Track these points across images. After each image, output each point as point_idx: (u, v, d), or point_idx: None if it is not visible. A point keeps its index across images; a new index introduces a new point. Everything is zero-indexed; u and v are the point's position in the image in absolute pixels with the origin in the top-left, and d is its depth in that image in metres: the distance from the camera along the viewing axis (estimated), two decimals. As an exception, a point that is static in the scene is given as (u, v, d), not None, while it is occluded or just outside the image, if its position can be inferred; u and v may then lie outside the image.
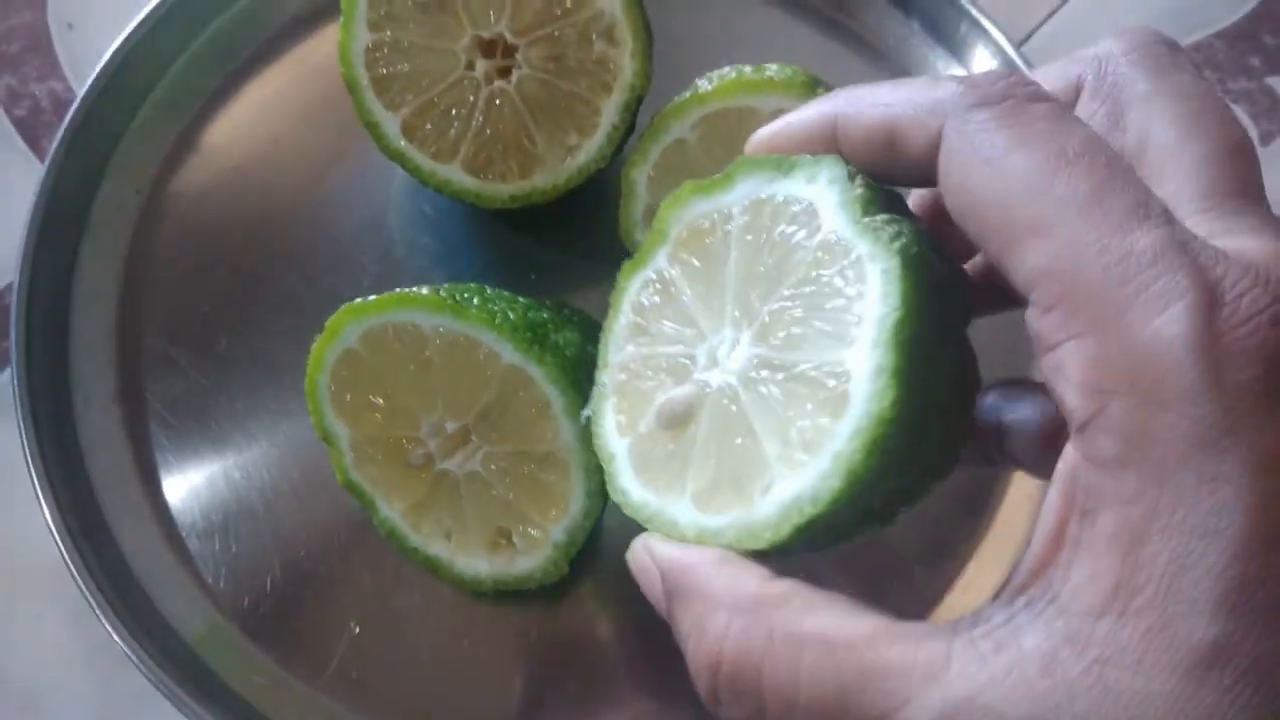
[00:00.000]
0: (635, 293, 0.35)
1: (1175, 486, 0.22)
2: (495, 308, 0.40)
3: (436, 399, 0.41)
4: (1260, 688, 0.21)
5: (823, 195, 0.29)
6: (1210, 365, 0.21)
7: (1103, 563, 0.22)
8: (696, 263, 0.33)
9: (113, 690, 0.48)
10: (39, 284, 0.49)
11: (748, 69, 0.45)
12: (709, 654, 0.27)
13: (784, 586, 0.27)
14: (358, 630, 0.46)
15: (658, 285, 0.34)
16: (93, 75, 0.52)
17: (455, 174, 0.47)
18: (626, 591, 0.46)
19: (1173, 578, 0.21)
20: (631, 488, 0.33)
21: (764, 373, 0.30)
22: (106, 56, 0.53)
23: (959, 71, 0.58)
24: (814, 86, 0.44)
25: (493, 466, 0.42)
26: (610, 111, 0.46)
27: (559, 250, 0.53)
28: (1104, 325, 0.23)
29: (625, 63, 0.45)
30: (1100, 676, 0.22)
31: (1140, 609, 0.22)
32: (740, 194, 0.31)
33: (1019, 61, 0.55)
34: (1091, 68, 0.28)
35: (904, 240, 0.27)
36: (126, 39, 0.53)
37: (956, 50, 0.58)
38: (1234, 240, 0.24)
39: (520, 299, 0.43)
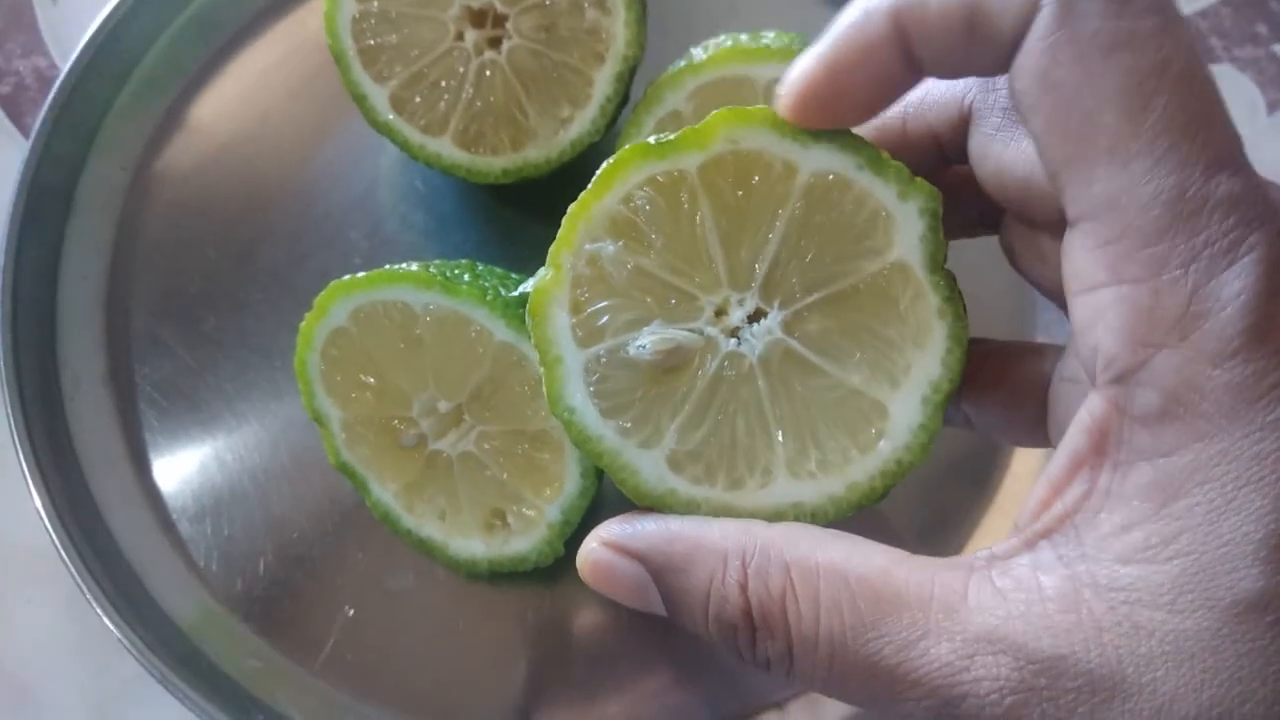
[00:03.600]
0: (639, 182, 0.29)
1: (1219, 440, 0.21)
2: (487, 284, 0.39)
3: (428, 378, 0.40)
4: None
5: (908, 219, 0.28)
6: (1266, 320, 0.21)
7: (1136, 514, 0.22)
8: (734, 195, 0.29)
9: (106, 675, 0.47)
10: (25, 264, 0.49)
11: (744, 37, 0.44)
12: (736, 607, 0.26)
13: (784, 528, 0.27)
14: (352, 613, 0.46)
15: (674, 190, 0.29)
16: (77, 51, 0.51)
17: (446, 148, 0.46)
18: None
19: (1211, 526, 0.21)
20: (585, 410, 0.30)
21: (789, 367, 0.29)
22: (90, 32, 0.52)
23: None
24: (812, 55, 0.43)
25: (486, 446, 0.41)
26: (603, 82, 0.45)
27: (552, 226, 0.52)
28: (1164, 273, 0.22)
29: (618, 31, 0.44)
30: (1129, 615, 0.22)
31: (1173, 556, 0.22)
32: (818, 158, 0.28)
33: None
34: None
35: (962, 309, 0.28)
36: (110, 14, 0.52)
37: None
38: None
39: (513, 275, 0.42)
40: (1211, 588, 0.21)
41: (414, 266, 0.39)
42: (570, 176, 0.48)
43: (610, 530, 0.28)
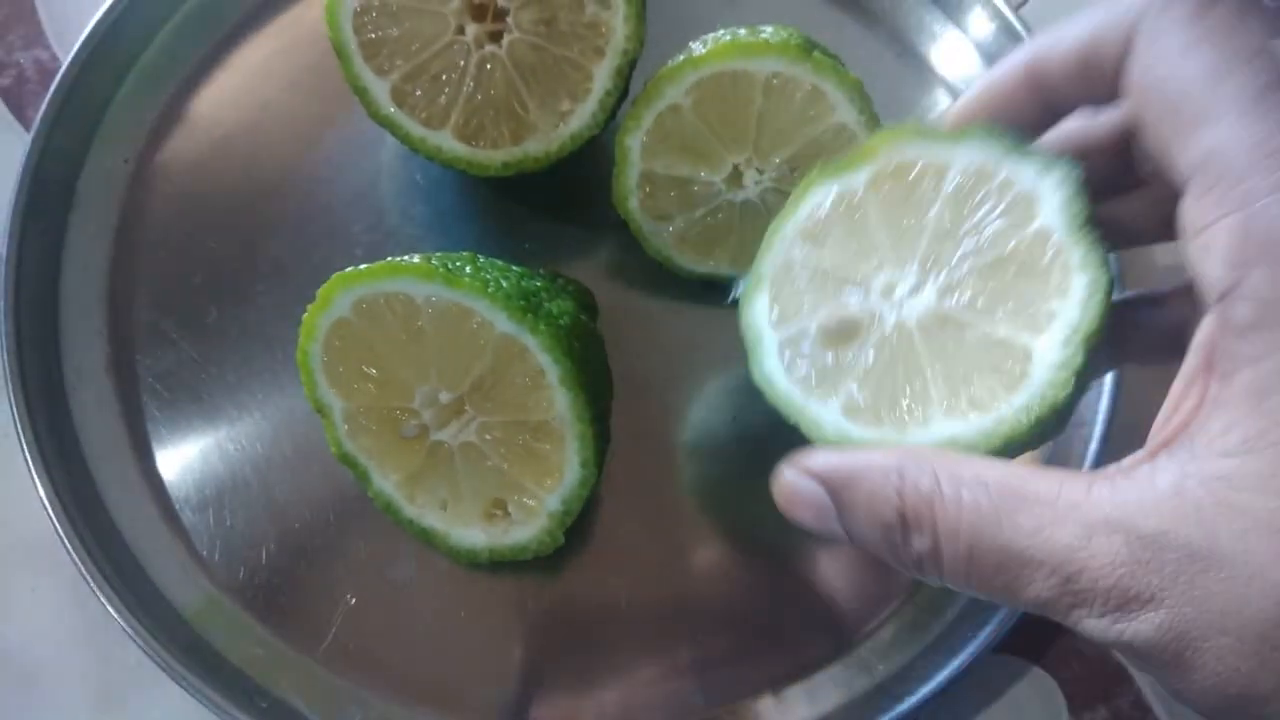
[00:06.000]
0: (819, 200, 0.36)
1: None
2: (488, 276, 0.40)
3: (430, 369, 0.41)
4: None
5: (1050, 192, 0.32)
6: None
7: (1236, 414, 0.26)
8: (895, 197, 0.34)
9: (110, 663, 0.48)
10: (27, 256, 0.49)
11: (742, 31, 0.44)
12: (892, 506, 0.30)
13: (937, 449, 0.32)
14: (354, 602, 0.46)
15: (848, 202, 0.35)
16: (78, 43, 0.52)
17: (446, 141, 0.46)
18: (623, 562, 0.47)
19: None
20: (777, 373, 0.36)
21: (945, 326, 0.33)
22: (92, 24, 0.52)
23: (956, 34, 0.57)
24: (809, 49, 0.43)
25: (487, 436, 0.42)
26: (603, 76, 0.46)
27: (552, 219, 0.53)
28: (1252, 204, 0.26)
29: (617, 25, 0.45)
30: (1226, 498, 0.25)
31: (1267, 447, 0.25)
32: (966, 155, 0.33)
33: (1017, 25, 0.55)
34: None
35: (1104, 261, 0.31)
36: (111, 6, 0.52)
37: (953, 13, 0.58)
38: None
39: (513, 268, 0.42)
40: None
41: (416, 259, 0.39)
42: (570, 169, 0.48)
43: (798, 457, 0.33)
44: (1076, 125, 0.35)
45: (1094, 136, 0.35)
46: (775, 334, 0.37)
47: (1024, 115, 0.33)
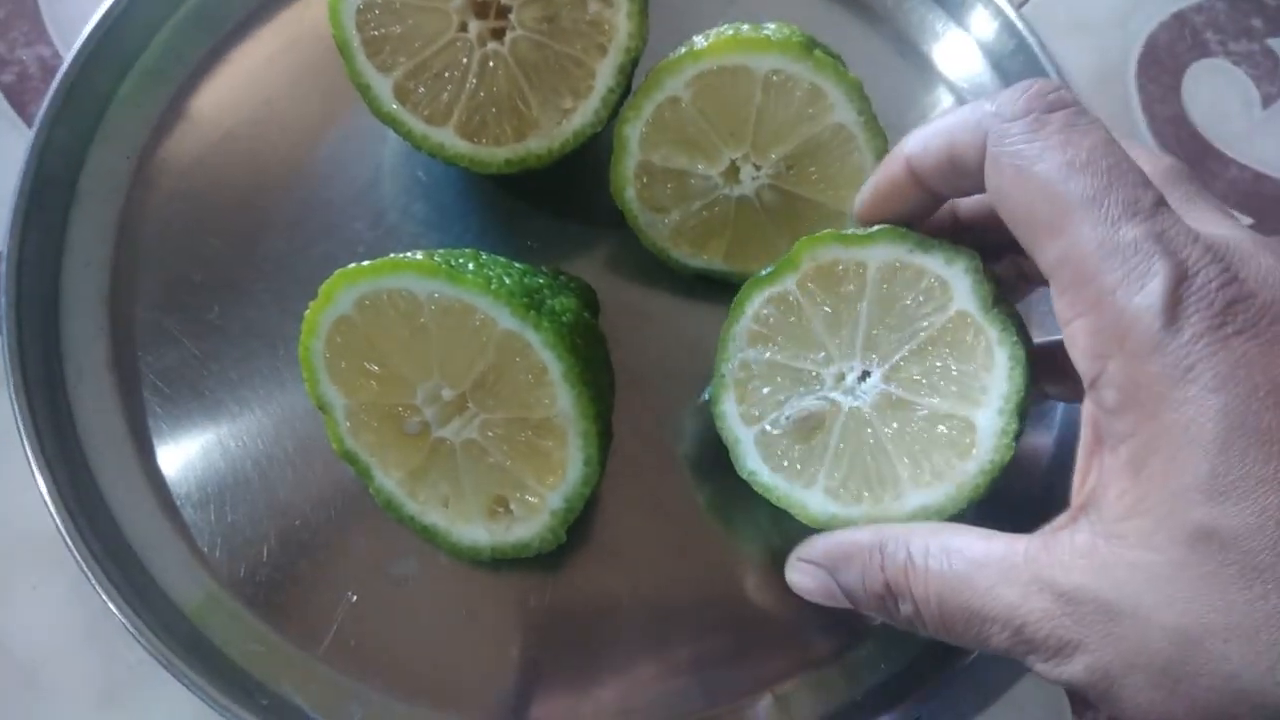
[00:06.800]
0: (760, 304, 0.41)
1: (1159, 417, 0.29)
2: (491, 273, 0.39)
3: (432, 366, 0.41)
4: (1243, 552, 0.27)
5: (958, 279, 0.37)
6: (1173, 321, 0.28)
7: (1124, 483, 0.30)
8: (825, 296, 0.40)
9: (111, 660, 0.48)
10: (29, 253, 0.49)
11: (745, 27, 0.44)
12: (879, 580, 0.36)
13: (909, 524, 0.37)
14: (355, 599, 0.46)
15: (784, 304, 0.40)
16: (80, 40, 0.52)
17: (448, 138, 0.46)
18: (624, 560, 0.47)
19: (1167, 480, 0.28)
20: (760, 470, 0.41)
21: (895, 408, 0.39)
22: (93, 21, 0.52)
23: (958, 33, 0.57)
24: (811, 47, 0.43)
25: (490, 433, 0.42)
26: (605, 74, 0.46)
27: (555, 216, 0.53)
28: (1100, 303, 0.29)
29: (620, 23, 0.45)
30: (1123, 555, 0.29)
31: (1149, 509, 0.29)
32: (879, 254, 0.38)
33: (1019, 24, 0.55)
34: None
35: (1019, 334, 0.37)
36: (113, 3, 0.52)
37: (955, 12, 0.58)
38: (1198, 225, 0.30)
39: (516, 264, 0.42)
40: (1173, 529, 0.28)
41: (419, 255, 0.39)
42: (572, 166, 0.48)
43: (800, 550, 0.40)
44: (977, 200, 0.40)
45: (968, 209, 0.41)
46: (749, 431, 0.42)
47: (913, 202, 0.38)
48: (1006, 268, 0.42)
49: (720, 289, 0.50)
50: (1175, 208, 0.31)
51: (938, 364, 0.38)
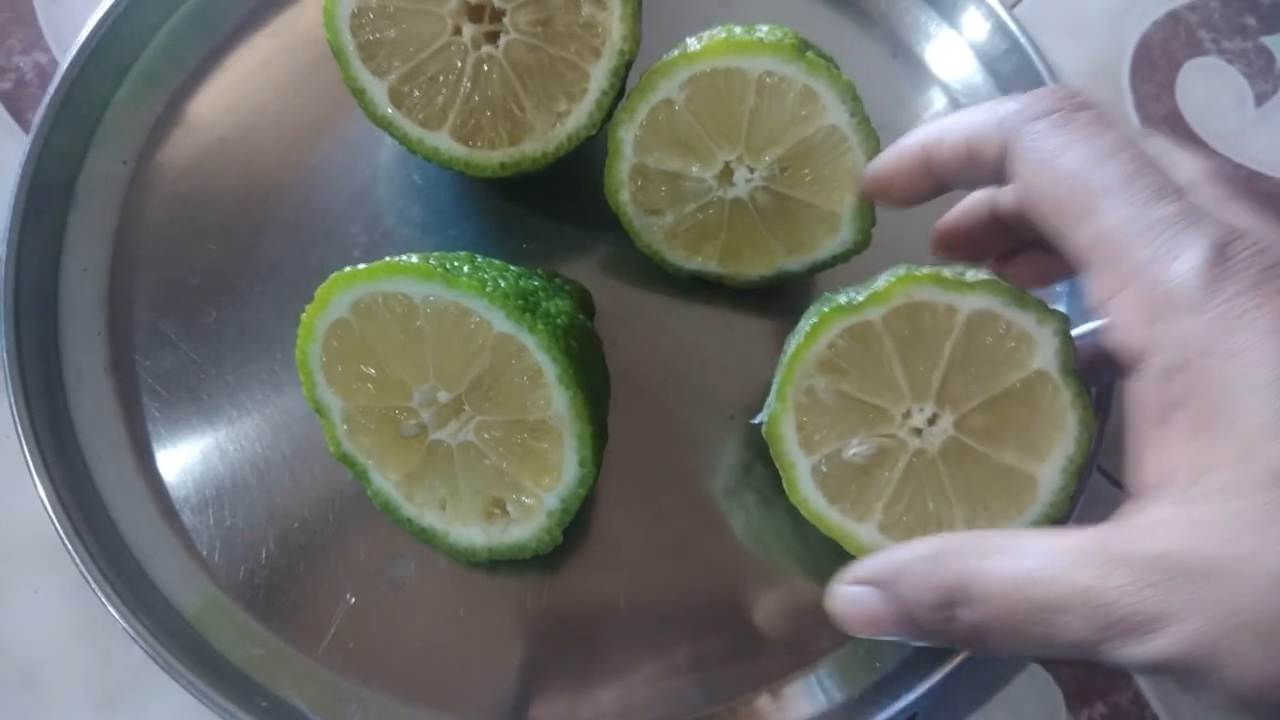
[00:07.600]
0: (837, 333, 0.40)
1: (1212, 370, 0.29)
2: (486, 276, 0.40)
3: (428, 369, 0.41)
4: None
5: (1045, 338, 0.38)
6: (1215, 281, 0.29)
7: (1188, 449, 0.30)
8: (909, 334, 0.39)
9: (111, 663, 0.48)
10: (27, 257, 0.49)
11: (738, 29, 0.44)
12: (936, 587, 0.33)
13: (959, 534, 0.35)
14: (354, 601, 0.46)
15: (865, 336, 0.40)
16: (76, 46, 0.52)
17: (444, 141, 0.47)
18: (622, 560, 0.47)
19: (1233, 429, 0.28)
20: (813, 498, 0.42)
21: (961, 454, 0.40)
22: (90, 27, 0.52)
23: (951, 34, 0.58)
24: (803, 49, 0.44)
25: (486, 436, 0.42)
26: (599, 77, 0.46)
27: (550, 218, 0.53)
28: (1140, 274, 0.30)
29: (614, 26, 0.45)
30: (1204, 512, 0.28)
31: (1221, 462, 0.28)
32: (975, 302, 0.38)
33: (1012, 25, 0.55)
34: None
35: (1089, 400, 0.39)
36: (110, 9, 0.52)
37: (948, 13, 0.58)
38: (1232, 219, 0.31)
39: (511, 267, 0.42)
40: (1251, 472, 0.28)
41: (414, 258, 0.40)
42: (567, 169, 0.48)
43: (845, 574, 0.37)
44: (984, 195, 0.42)
45: (1005, 206, 0.42)
46: (807, 459, 0.41)
47: (916, 186, 0.39)
48: (1020, 266, 0.43)
49: (716, 291, 0.50)
50: (1212, 205, 0.31)
51: (1010, 416, 0.39)
